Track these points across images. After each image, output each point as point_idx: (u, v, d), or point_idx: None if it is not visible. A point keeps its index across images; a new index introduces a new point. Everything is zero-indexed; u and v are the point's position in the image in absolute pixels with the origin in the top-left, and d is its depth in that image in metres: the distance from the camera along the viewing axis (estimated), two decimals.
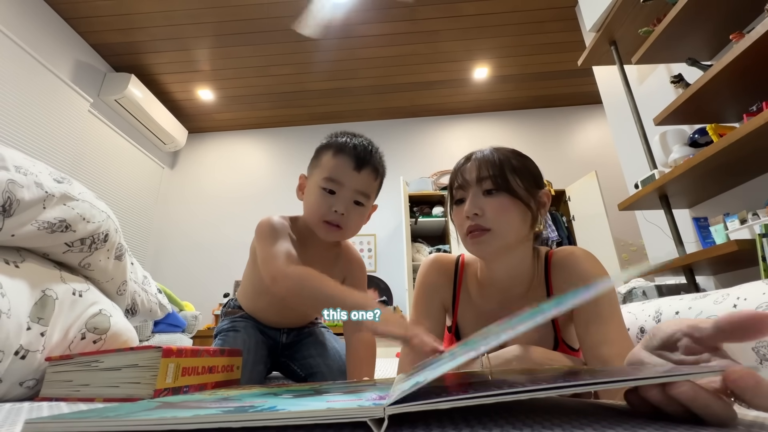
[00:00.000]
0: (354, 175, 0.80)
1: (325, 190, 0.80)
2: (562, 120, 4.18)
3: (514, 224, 0.72)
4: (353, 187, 0.80)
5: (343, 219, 0.80)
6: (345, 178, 0.80)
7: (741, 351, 0.63)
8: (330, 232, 0.81)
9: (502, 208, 0.71)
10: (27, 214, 0.67)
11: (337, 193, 0.80)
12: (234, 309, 1.01)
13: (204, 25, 3.10)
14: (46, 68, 2.75)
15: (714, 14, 1.43)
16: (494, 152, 0.76)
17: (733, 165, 1.37)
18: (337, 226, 0.81)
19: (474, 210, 0.72)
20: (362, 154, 0.81)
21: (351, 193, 0.80)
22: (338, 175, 0.80)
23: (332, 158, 0.81)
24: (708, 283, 1.70)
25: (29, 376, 0.63)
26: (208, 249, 4.04)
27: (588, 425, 0.30)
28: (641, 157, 1.86)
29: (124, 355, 0.59)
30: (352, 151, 0.81)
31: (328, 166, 0.81)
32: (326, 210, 0.80)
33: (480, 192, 0.73)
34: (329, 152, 0.83)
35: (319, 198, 0.81)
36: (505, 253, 0.74)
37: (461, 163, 0.79)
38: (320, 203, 0.80)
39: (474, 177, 0.74)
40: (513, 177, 0.73)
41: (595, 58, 2.11)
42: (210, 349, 0.68)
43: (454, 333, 0.83)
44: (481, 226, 0.71)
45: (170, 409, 0.31)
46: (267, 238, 0.79)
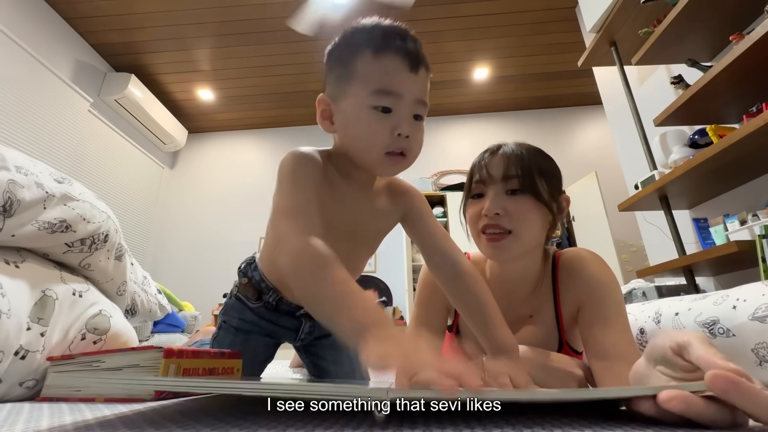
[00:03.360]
0: (412, 80, 0.57)
1: (378, 110, 0.56)
2: (562, 120, 4.18)
3: (535, 228, 0.70)
4: (413, 97, 0.57)
5: (411, 143, 0.59)
6: (402, 85, 0.56)
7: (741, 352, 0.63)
8: (395, 165, 0.59)
9: (525, 211, 0.69)
10: (27, 215, 0.67)
11: (395, 109, 0.56)
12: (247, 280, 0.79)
13: (204, 25, 3.10)
14: (46, 68, 2.75)
15: (714, 15, 1.43)
16: (522, 150, 0.72)
17: (733, 166, 1.37)
18: (401, 154, 0.59)
19: (496, 209, 0.69)
20: (413, 46, 0.57)
21: (411, 106, 0.57)
22: (393, 84, 0.56)
23: (375, 61, 0.57)
24: (708, 284, 1.70)
25: (29, 376, 0.63)
26: (207, 249, 4.04)
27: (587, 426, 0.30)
28: (641, 158, 1.86)
29: (125, 355, 0.58)
30: (399, 47, 0.56)
31: (374, 75, 0.57)
32: (387, 136, 0.57)
33: (503, 190, 0.70)
34: (366, 54, 0.57)
35: (374, 122, 0.57)
36: (522, 257, 0.72)
37: (486, 157, 0.74)
38: (377, 129, 0.57)
39: (500, 173, 0.71)
40: (540, 179, 0.70)
41: (595, 59, 2.11)
42: (210, 350, 0.68)
43: (455, 332, 0.83)
44: (501, 227, 0.69)
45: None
46: (287, 184, 0.58)
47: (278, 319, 0.78)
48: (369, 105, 0.56)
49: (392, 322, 0.48)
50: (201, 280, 3.91)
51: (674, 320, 0.76)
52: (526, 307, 0.77)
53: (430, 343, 0.37)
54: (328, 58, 0.63)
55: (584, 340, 0.69)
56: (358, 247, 0.71)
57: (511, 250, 0.70)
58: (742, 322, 0.62)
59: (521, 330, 0.77)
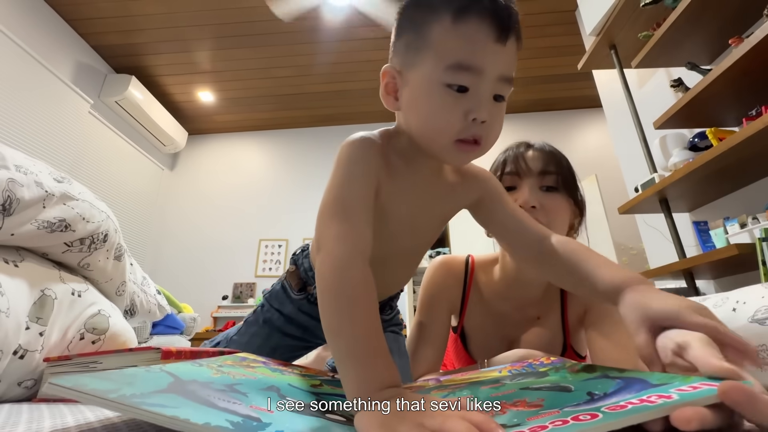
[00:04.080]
0: (497, 52, 0.45)
1: (452, 88, 0.45)
2: (561, 123, 4.19)
3: (565, 227, 0.71)
4: (497, 73, 0.45)
5: (484, 129, 0.47)
6: (485, 59, 0.45)
7: None
8: (466, 154, 0.48)
9: (560, 208, 0.70)
10: (27, 213, 0.67)
11: (472, 88, 0.45)
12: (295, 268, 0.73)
13: (204, 27, 3.11)
14: (47, 69, 2.76)
15: (713, 19, 1.44)
16: (556, 150, 0.74)
17: (733, 169, 1.37)
18: (475, 142, 0.47)
19: (533, 202, 0.69)
20: (505, 10, 0.45)
21: (493, 84, 0.46)
22: (473, 58, 0.44)
23: (454, 28, 0.45)
24: (708, 287, 1.70)
25: (28, 376, 0.63)
26: (207, 251, 4.04)
27: None
28: (641, 161, 1.86)
29: (123, 356, 0.58)
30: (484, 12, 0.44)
31: (452, 45, 0.45)
32: (460, 120, 0.45)
33: (538, 185, 0.71)
34: (444, 18, 0.45)
35: (446, 102, 0.46)
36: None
37: (520, 149, 0.74)
38: (449, 111, 0.46)
39: (538, 167, 0.71)
40: (572, 181, 0.72)
41: (595, 62, 2.11)
42: (209, 350, 0.67)
43: (460, 334, 0.83)
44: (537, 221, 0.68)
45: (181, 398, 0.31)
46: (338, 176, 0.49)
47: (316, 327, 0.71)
48: (442, 81, 0.45)
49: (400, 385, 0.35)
50: (200, 282, 3.90)
51: None
52: (534, 308, 0.77)
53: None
54: (399, 18, 0.52)
55: (589, 342, 0.70)
56: (417, 240, 0.63)
57: None
58: (742, 325, 0.62)
59: (528, 331, 0.77)
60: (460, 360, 0.84)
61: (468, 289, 0.82)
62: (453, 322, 0.84)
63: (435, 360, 0.79)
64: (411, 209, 0.56)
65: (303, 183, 4.21)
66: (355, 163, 0.50)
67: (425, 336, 0.80)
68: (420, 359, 0.79)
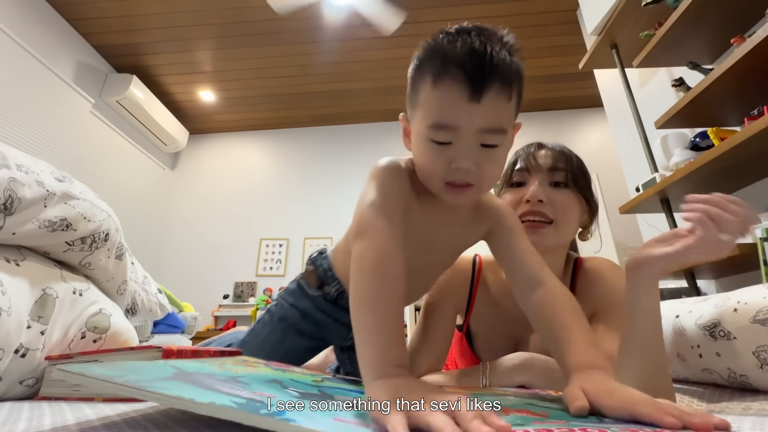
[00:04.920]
0: (473, 110, 0.49)
1: (436, 143, 0.51)
2: (563, 123, 4.19)
3: (574, 223, 0.72)
4: (476, 128, 0.49)
5: (473, 174, 0.52)
6: (460, 118, 0.49)
7: (742, 355, 0.62)
8: (458, 195, 0.54)
9: (569, 203, 0.70)
10: (28, 213, 0.67)
11: (454, 141, 0.50)
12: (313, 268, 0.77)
13: (206, 27, 3.11)
14: (48, 69, 2.76)
15: (715, 18, 1.43)
16: (568, 149, 0.76)
17: (735, 169, 1.37)
18: (467, 185, 0.53)
19: (540, 196, 0.70)
20: (479, 69, 0.48)
21: (474, 137, 0.50)
22: (449, 118, 0.50)
23: (433, 91, 0.50)
24: (709, 287, 1.70)
25: (29, 374, 0.63)
26: (208, 250, 4.04)
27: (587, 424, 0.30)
28: (642, 161, 1.86)
29: (124, 354, 0.58)
30: (458, 74, 0.48)
31: (431, 106, 0.51)
32: (444, 169, 0.52)
33: (547, 181, 0.72)
34: (427, 81, 0.51)
35: (430, 154, 0.52)
36: (554, 250, 0.73)
37: (532, 148, 0.76)
38: (433, 161, 0.52)
39: (548, 164, 0.72)
40: (582, 179, 0.73)
41: (596, 62, 2.11)
42: (210, 349, 0.68)
43: (465, 332, 0.83)
44: (543, 215, 0.70)
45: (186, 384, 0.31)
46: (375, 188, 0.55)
47: (335, 313, 0.76)
48: (427, 137, 0.51)
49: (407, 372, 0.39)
50: (201, 281, 3.91)
51: (675, 323, 0.76)
52: None
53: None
54: (410, 72, 0.56)
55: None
56: (434, 260, 0.68)
57: (549, 241, 0.70)
58: (744, 325, 0.62)
59: (534, 333, 0.77)
60: (465, 359, 0.83)
61: (475, 289, 0.82)
62: (458, 320, 0.84)
63: (437, 359, 0.79)
64: (427, 231, 0.62)
65: (304, 182, 4.22)
66: (392, 177, 0.56)
67: (428, 335, 0.80)
68: (422, 358, 0.79)
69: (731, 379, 0.67)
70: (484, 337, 0.81)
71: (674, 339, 0.76)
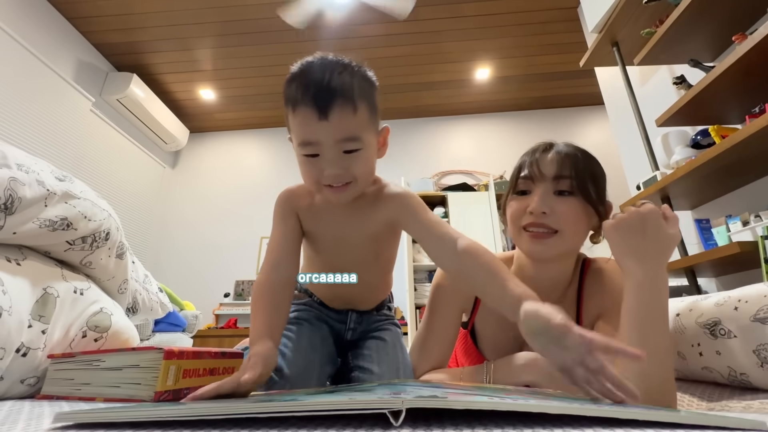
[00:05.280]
0: (324, 127, 0.59)
1: (307, 157, 0.63)
2: (563, 121, 4.18)
3: (581, 231, 0.70)
4: (333, 140, 0.60)
5: (344, 176, 0.63)
6: (315, 135, 0.60)
7: (743, 353, 0.62)
8: (339, 193, 0.65)
9: (573, 212, 0.68)
10: (29, 212, 0.68)
11: (321, 154, 0.62)
12: (299, 293, 0.88)
13: (206, 25, 3.11)
14: (48, 67, 2.76)
15: (716, 16, 1.43)
16: (577, 151, 0.72)
17: (736, 167, 1.37)
18: (345, 185, 0.64)
19: (543, 208, 0.68)
20: (321, 94, 0.59)
21: (334, 147, 0.61)
22: (309, 136, 0.61)
23: (294, 117, 0.62)
24: (710, 286, 1.70)
25: (30, 373, 0.63)
26: (208, 248, 4.05)
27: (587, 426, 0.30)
28: (643, 159, 1.86)
29: (125, 355, 0.58)
30: (308, 97, 0.59)
31: (296, 129, 0.63)
32: (318, 177, 0.64)
33: (552, 190, 0.70)
34: (289, 111, 0.63)
35: (305, 166, 0.64)
36: (560, 258, 0.72)
37: (537, 153, 0.73)
38: (309, 172, 0.64)
39: (552, 172, 0.70)
40: (591, 183, 0.70)
41: (597, 59, 2.10)
42: (211, 351, 0.68)
43: (470, 331, 0.83)
44: (547, 226, 0.68)
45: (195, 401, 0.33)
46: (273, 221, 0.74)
47: (328, 313, 0.85)
48: (300, 153, 0.64)
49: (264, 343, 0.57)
50: (202, 279, 3.91)
51: (675, 321, 0.76)
52: None
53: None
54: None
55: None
56: (355, 249, 0.75)
57: (556, 249, 0.69)
58: (744, 324, 0.62)
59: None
60: (469, 357, 0.83)
61: None
62: (464, 318, 0.84)
63: (442, 356, 0.79)
64: (334, 232, 0.74)
65: None
66: (277, 213, 0.74)
67: (434, 332, 0.80)
68: (427, 355, 0.79)
69: (731, 377, 0.67)
70: (489, 336, 0.81)
71: (675, 337, 0.76)
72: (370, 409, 0.27)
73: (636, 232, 0.59)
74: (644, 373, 0.53)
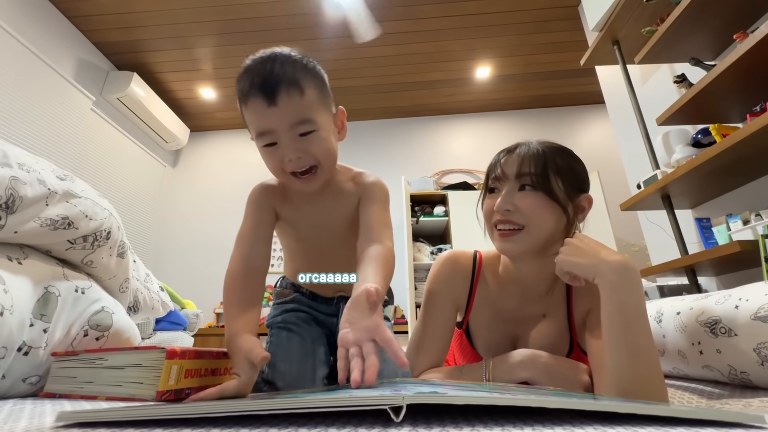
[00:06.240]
0: (275, 113, 0.62)
1: (266, 147, 0.66)
2: (564, 120, 4.17)
3: (547, 225, 0.70)
4: (285, 124, 0.63)
5: (305, 159, 0.66)
6: (269, 123, 0.63)
7: (743, 352, 0.62)
8: (307, 182, 0.69)
9: (536, 207, 0.69)
10: (30, 211, 0.68)
11: (278, 142, 0.64)
12: (283, 289, 0.90)
13: (206, 24, 3.10)
14: (48, 66, 2.76)
15: (718, 14, 1.43)
16: (540, 148, 0.73)
17: (736, 165, 1.37)
18: (309, 171, 0.67)
19: (506, 206, 0.70)
20: (268, 82, 0.61)
21: (289, 132, 0.63)
22: (261, 125, 0.64)
23: (246, 110, 0.65)
24: (710, 284, 1.70)
25: (32, 372, 0.64)
26: (209, 247, 4.05)
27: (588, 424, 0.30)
28: (644, 158, 1.85)
29: (128, 354, 0.59)
30: (254, 90, 0.62)
31: (250, 121, 0.66)
32: (280, 164, 0.66)
33: (516, 187, 0.72)
34: (241, 105, 0.66)
35: (266, 157, 0.68)
36: (534, 254, 0.72)
37: (503, 154, 0.76)
38: (271, 162, 0.68)
39: (514, 171, 0.72)
40: (555, 177, 0.70)
41: (597, 58, 2.10)
42: (213, 351, 0.68)
43: (465, 329, 0.83)
44: (513, 222, 0.70)
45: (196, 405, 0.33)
46: (245, 213, 0.77)
47: (318, 306, 0.86)
48: (259, 145, 0.67)
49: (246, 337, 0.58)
50: (203, 278, 3.91)
51: (676, 319, 0.76)
52: (539, 306, 0.77)
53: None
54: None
55: (587, 342, 0.70)
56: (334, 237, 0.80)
57: (522, 244, 0.70)
58: (744, 322, 0.62)
59: (534, 329, 0.77)
60: (465, 356, 0.84)
61: (475, 285, 0.82)
62: (459, 317, 0.84)
63: (438, 355, 0.79)
64: (311, 218, 0.78)
65: None
66: (249, 205, 0.78)
67: (429, 331, 0.80)
68: (423, 354, 0.79)
69: (732, 376, 0.67)
70: (483, 334, 0.81)
71: (675, 336, 0.76)
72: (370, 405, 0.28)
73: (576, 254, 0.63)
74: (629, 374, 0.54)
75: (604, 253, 0.61)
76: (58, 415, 0.32)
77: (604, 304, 0.59)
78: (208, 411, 0.29)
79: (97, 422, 0.31)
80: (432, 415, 0.32)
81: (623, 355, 0.55)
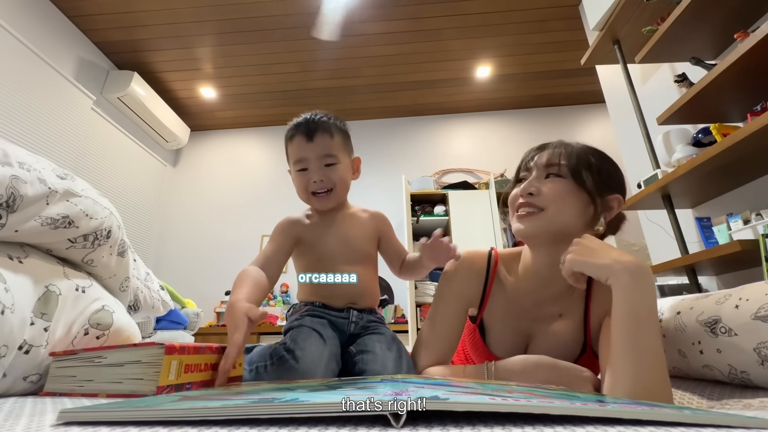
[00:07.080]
0: (310, 146, 0.86)
1: (299, 172, 0.88)
2: (564, 119, 4.17)
3: (567, 212, 0.70)
4: (316, 155, 0.86)
5: (326, 183, 0.87)
6: (304, 152, 0.86)
7: (743, 351, 0.62)
8: (323, 200, 0.89)
9: (559, 192, 0.70)
10: (30, 210, 0.68)
11: (308, 168, 0.87)
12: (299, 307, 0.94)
13: (206, 23, 3.10)
14: (49, 66, 2.76)
15: (718, 13, 1.42)
16: (575, 145, 0.75)
17: (737, 165, 1.37)
18: (326, 192, 0.88)
19: (529, 189, 0.72)
20: (309, 126, 0.87)
21: (317, 161, 0.86)
22: (298, 154, 0.87)
23: (289, 145, 0.89)
24: (710, 284, 1.70)
25: (33, 371, 0.64)
26: (210, 247, 4.05)
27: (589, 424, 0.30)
28: (644, 157, 1.85)
29: (127, 351, 0.59)
30: (300, 129, 0.87)
31: (291, 153, 0.89)
32: (306, 185, 0.88)
33: (543, 175, 0.73)
34: (287, 142, 0.91)
35: (298, 179, 0.89)
36: (549, 240, 0.72)
37: (535, 150, 0.78)
38: (301, 182, 0.89)
39: (543, 161, 0.74)
40: (585, 172, 0.71)
41: (598, 57, 2.10)
42: (212, 346, 0.68)
43: (479, 325, 0.83)
44: (533, 205, 0.71)
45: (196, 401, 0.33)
46: (272, 236, 0.91)
47: (329, 314, 0.90)
48: (295, 171, 0.89)
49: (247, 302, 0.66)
50: (203, 277, 3.92)
51: (676, 319, 0.76)
52: (556, 305, 0.77)
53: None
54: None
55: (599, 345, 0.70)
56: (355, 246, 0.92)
57: (537, 226, 0.71)
58: (745, 322, 0.62)
59: (547, 328, 0.77)
60: (476, 350, 0.84)
61: (490, 283, 0.82)
62: (473, 312, 0.84)
63: (446, 352, 0.80)
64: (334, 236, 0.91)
65: None
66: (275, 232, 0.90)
67: (438, 328, 0.81)
68: (430, 350, 0.79)
69: (732, 375, 0.67)
70: (496, 330, 0.82)
71: (675, 335, 0.76)
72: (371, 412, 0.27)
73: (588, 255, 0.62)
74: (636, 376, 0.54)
75: (617, 254, 0.60)
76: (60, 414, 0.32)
77: (615, 305, 0.58)
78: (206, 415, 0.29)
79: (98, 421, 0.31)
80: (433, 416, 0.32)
81: (632, 356, 0.55)
